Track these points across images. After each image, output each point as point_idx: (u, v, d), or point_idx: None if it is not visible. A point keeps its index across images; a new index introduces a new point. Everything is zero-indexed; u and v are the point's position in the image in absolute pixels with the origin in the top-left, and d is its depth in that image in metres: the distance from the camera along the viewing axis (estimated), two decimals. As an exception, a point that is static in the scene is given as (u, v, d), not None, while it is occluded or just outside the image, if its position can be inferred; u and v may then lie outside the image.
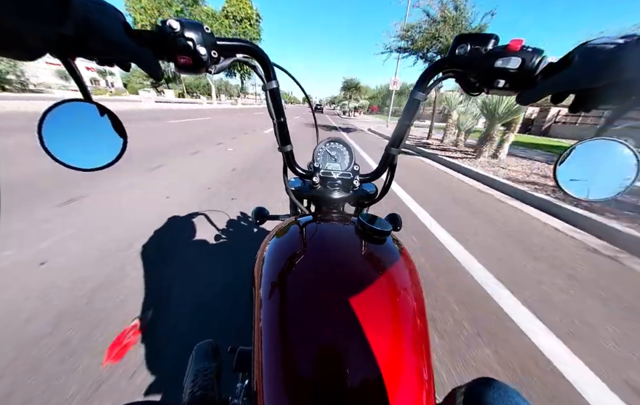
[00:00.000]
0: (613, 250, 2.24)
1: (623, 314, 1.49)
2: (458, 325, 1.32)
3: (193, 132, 7.40)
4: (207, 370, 0.53)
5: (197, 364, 0.55)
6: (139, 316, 1.22)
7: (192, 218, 2.22)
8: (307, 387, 0.27)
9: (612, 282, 1.79)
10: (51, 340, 1.07)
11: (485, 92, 0.40)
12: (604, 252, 2.19)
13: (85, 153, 0.38)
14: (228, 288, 1.44)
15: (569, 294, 1.64)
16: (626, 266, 2.01)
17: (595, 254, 2.16)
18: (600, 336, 1.32)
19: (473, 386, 0.37)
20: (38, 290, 1.31)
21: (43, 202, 2.25)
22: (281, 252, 0.43)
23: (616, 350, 1.25)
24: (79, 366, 0.98)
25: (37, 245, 1.67)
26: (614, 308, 1.54)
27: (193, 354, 0.58)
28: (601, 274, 1.87)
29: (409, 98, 0.48)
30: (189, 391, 0.48)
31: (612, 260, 2.07)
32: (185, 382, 0.51)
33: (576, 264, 1.99)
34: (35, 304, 1.23)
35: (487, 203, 3.25)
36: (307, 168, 0.70)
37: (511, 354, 1.19)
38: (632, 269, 1.97)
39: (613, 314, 1.48)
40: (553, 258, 2.04)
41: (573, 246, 2.29)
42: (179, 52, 0.36)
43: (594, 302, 1.58)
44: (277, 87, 0.48)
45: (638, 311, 1.52)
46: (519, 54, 0.34)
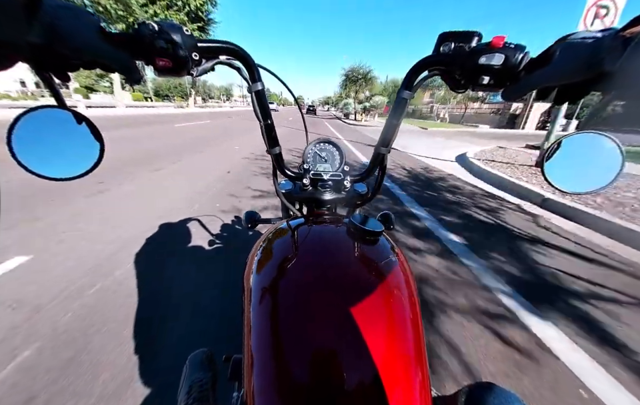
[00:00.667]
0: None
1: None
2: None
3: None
4: (201, 381, 0.51)
5: (191, 375, 0.53)
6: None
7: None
8: (299, 393, 0.26)
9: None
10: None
11: (471, 89, 0.40)
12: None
13: (60, 162, 0.36)
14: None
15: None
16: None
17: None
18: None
19: (473, 389, 0.37)
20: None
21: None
22: (272, 257, 0.43)
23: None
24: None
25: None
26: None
27: (187, 365, 0.56)
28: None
29: (396, 98, 0.48)
30: (183, 404, 0.46)
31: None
32: (179, 395, 0.50)
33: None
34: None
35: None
36: (297, 169, 0.69)
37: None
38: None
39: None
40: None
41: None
42: (157, 55, 0.35)
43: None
44: (262, 89, 0.47)
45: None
46: (502, 51, 0.34)
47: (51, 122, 0.35)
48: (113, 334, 1.16)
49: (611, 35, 0.26)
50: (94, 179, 2.94)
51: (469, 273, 1.72)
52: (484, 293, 1.54)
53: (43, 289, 1.39)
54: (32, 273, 1.52)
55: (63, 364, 1.02)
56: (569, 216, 2.70)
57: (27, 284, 1.43)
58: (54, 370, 0.99)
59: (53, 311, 1.26)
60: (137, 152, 4.86)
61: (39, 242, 1.81)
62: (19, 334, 1.13)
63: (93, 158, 0.38)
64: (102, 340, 1.13)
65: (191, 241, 1.95)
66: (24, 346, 1.08)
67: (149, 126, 9.41)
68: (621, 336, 1.29)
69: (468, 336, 1.24)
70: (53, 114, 0.35)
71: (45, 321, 1.20)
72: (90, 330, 1.17)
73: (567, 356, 1.17)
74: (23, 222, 2.05)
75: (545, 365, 1.12)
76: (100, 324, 1.21)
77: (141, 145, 5.61)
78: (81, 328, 1.18)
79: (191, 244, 1.92)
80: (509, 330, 1.29)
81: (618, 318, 1.40)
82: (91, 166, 0.38)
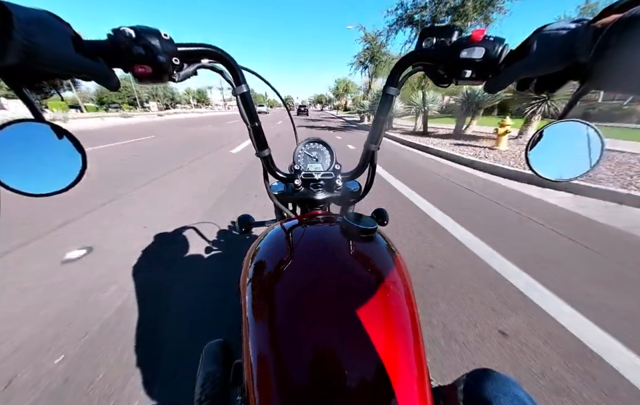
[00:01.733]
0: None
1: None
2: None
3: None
4: (215, 375, 0.50)
5: (206, 366, 0.52)
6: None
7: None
8: (300, 395, 0.26)
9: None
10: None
11: (454, 83, 0.40)
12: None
13: (40, 177, 0.35)
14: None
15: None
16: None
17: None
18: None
19: (472, 376, 0.38)
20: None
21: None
22: (267, 259, 0.43)
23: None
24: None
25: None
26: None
27: (203, 355, 0.56)
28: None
29: (382, 94, 0.48)
30: (197, 399, 0.46)
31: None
32: (196, 384, 0.50)
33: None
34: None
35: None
36: (288, 170, 0.68)
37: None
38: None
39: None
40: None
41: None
42: (135, 62, 0.34)
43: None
44: (247, 91, 0.46)
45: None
46: (482, 44, 0.35)
47: (29, 137, 0.34)
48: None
49: (584, 26, 0.27)
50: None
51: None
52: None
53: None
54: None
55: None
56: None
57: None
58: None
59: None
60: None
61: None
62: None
63: (74, 172, 0.37)
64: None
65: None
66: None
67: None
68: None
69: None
70: (29, 129, 0.34)
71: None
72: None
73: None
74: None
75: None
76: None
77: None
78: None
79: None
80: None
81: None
82: (72, 181, 0.37)
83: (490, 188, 3.48)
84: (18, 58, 0.25)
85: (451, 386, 0.39)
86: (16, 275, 1.60)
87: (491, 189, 3.41)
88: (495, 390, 0.34)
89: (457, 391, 0.37)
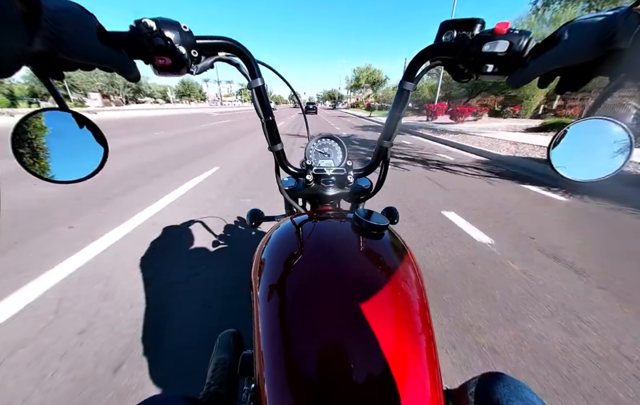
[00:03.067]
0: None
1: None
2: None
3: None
4: (225, 363, 0.52)
5: (218, 353, 0.54)
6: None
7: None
8: (311, 388, 0.26)
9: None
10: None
11: (475, 78, 0.39)
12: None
13: (63, 165, 0.36)
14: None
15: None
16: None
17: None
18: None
19: (483, 379, 0.37)
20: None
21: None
22: (278, 253, 0.43)
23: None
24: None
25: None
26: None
27: (217, 342, 0.58)
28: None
29: (398, 89, 0.47)
30: (207, 382, 0.47)
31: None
32: (208, 369, 0.51)
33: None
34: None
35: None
36: (299, 166, 0.68)
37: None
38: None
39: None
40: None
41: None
42: (156, 53, 0.35)
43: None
44: (262, 85, 0.46)
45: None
46: (506, 37, 0.33)
47: (53, 125, 0.35)
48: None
49: (624, 12, 0.26)
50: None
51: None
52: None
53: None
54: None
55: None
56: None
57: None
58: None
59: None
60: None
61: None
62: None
63: (96, 160, 0.38)
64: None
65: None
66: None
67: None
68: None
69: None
70: (54, 117, 0.35)
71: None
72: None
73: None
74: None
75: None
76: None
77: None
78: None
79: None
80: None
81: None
82: (94, 169, 0.38)
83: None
84: (45, 47, 0.26)
85: (461, 389, 0.38)
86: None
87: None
88: (508, 395, 0.33)
89: (467, 394, 0.37)
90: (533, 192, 3.40)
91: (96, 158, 0.38)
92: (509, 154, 5.56)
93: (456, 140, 7.57)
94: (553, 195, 3.27)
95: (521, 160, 5.04)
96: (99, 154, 0.38)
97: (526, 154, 5.50)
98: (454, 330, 1.27)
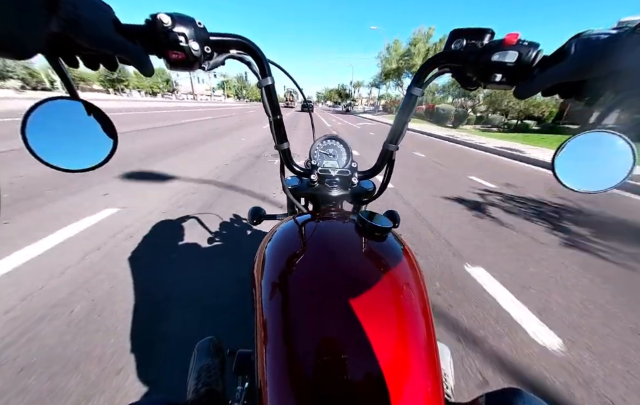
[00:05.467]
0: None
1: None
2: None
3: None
4: (209, 367, 0.52)
5: (199, 361, 0.54)
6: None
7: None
8: (312, 387, 0.26)
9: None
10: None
11: (482, 87, 0.40)
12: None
13: (72, 153, 0.36)
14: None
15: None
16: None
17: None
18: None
19: (499, 394, 0.35)
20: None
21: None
22: (281, 252, 0.43)
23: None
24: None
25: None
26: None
27: (195, 353, 0.58)
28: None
29: (406, 94, 0.48)
30: (193, 388, 0.47)
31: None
32: (188, 381, 0.51)
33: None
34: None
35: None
36: (304, 166, 0.69)
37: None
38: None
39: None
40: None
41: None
42: (170, 48, 0.35)
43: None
44: (272, 84, 0.47)
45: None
46: (516, 48, 0.34)
47: (63, 113, 0.35)
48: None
49: (628, 32, 0.26)
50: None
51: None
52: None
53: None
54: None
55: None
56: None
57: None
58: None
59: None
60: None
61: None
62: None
63: (105, 150, 0.38)
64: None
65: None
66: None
67: None
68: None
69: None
70: (65, 105, 0.35)
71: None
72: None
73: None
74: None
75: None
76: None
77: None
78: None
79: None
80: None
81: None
82: (104, 158, 0.38)
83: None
84: (60, 28, 0.26)
85: (473, 403, 0.37)
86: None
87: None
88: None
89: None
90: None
91: (105, 149, 0.38)
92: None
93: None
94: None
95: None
96: (107, 145, 0.38)
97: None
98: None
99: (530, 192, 3.88)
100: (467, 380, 1.10)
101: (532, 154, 7.01)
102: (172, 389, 0.98)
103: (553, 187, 3.97)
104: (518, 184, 4.31)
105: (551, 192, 3.87)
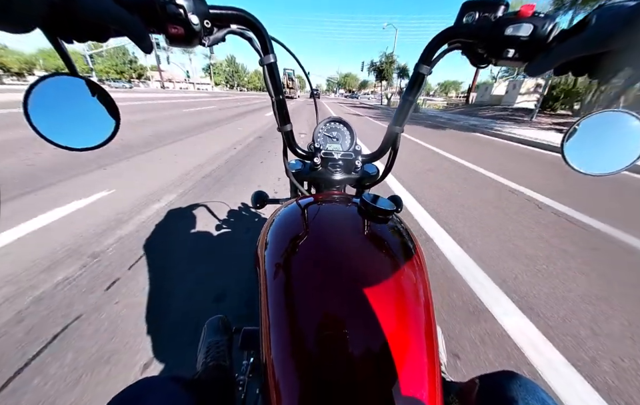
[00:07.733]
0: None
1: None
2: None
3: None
4: (218, 343, 0.55)
5: (208, 337, 0.57)
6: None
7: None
8: (314, 361, 0.27)
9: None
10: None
11: (493, 63, 0.38)
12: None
13: (74, 131, 0.36)
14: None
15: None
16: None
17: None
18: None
19: (494, 377, 0.36)
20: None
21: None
22: (285, 233, 0.43)
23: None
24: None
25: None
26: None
27: (205, 329, 0.60)
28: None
29: (413, 72, 0.46)
30: (202, 362, 0.49)
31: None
32: (198, 355, 0.54)
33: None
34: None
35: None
36: (307, 149, 0.68)
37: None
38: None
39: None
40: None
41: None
42: (169, 21, 0.34)
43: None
44: (274, 61, 0.45)
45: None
46: (531, 21, 0.32)
47: (65, 91, 0.34)
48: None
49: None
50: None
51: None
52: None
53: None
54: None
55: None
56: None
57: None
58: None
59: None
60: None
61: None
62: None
63: (108, 130, 0.37)
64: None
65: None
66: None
67: None
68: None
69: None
70: (65, 82, 0.34)
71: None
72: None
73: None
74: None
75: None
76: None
77: None
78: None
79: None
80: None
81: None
82: (106, 138, 0.38)
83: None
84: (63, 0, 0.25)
85: (470, 383, 0.38)
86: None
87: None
88: (524, 395, 0.31)
89: (475, 389, 0.36)
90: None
91: (107, 128, 0.37)
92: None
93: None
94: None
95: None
96: (110, 124, 0.37)
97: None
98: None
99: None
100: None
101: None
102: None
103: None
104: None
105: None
